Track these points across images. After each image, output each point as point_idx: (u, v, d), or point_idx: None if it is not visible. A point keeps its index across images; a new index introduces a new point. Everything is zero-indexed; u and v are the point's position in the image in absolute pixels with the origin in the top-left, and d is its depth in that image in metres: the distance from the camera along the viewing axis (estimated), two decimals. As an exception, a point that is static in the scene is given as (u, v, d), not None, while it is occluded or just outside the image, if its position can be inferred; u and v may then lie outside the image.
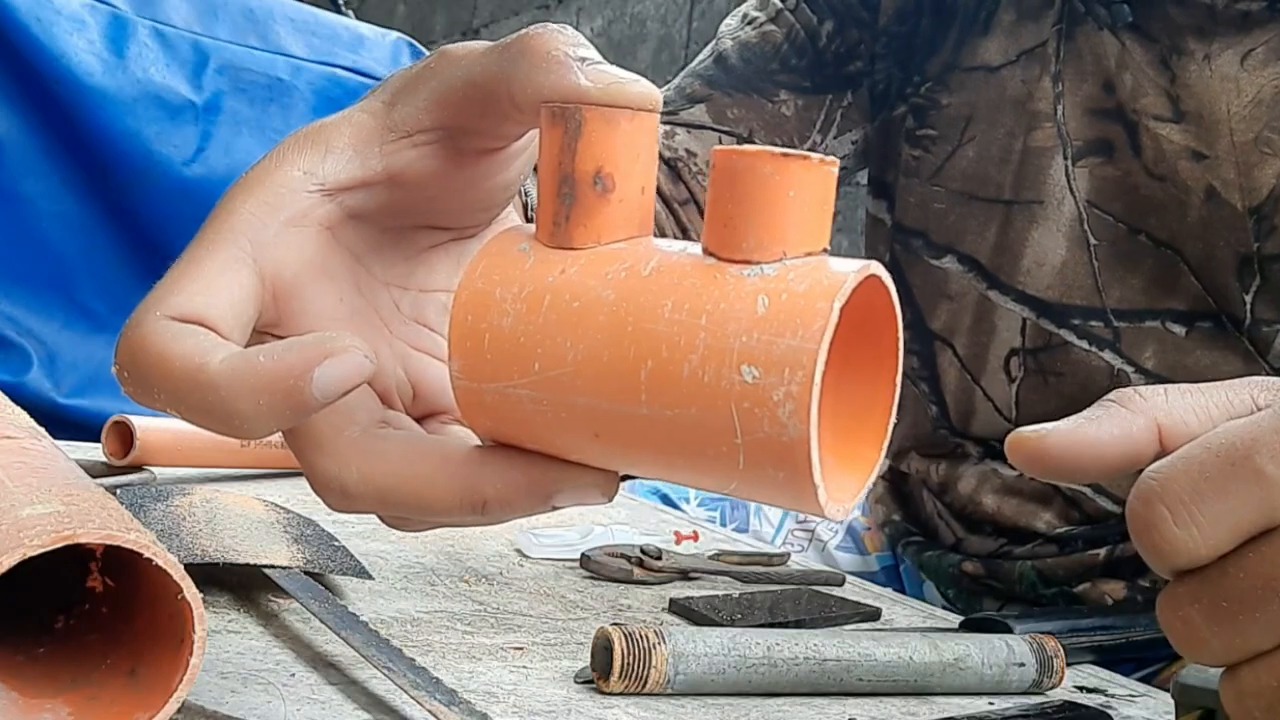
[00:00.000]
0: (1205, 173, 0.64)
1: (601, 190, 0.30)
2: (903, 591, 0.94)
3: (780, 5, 0.79)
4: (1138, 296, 0.68)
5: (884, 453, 0.31)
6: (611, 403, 0.29)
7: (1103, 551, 0.74)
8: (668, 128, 0.75)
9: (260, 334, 0.34)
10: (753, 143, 0.76)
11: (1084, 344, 0.69)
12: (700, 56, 0.81)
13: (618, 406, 0.29)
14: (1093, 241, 0.68)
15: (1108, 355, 0.69)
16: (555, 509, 0.32)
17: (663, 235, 0.71)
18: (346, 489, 0.33)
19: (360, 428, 0.33)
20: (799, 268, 0.28)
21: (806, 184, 0.28)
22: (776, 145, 0.75)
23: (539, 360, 0.30)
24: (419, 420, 0.36)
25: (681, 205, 0.76)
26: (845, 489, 0.30)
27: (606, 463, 0.31)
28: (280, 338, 0.33)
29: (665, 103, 0.77)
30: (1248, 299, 0.64)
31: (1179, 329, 0.66)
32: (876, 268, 0.29)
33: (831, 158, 0.29)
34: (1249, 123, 0.62)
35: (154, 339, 0.31)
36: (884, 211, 0.81)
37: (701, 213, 0.76)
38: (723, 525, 0.99)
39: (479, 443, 0.32)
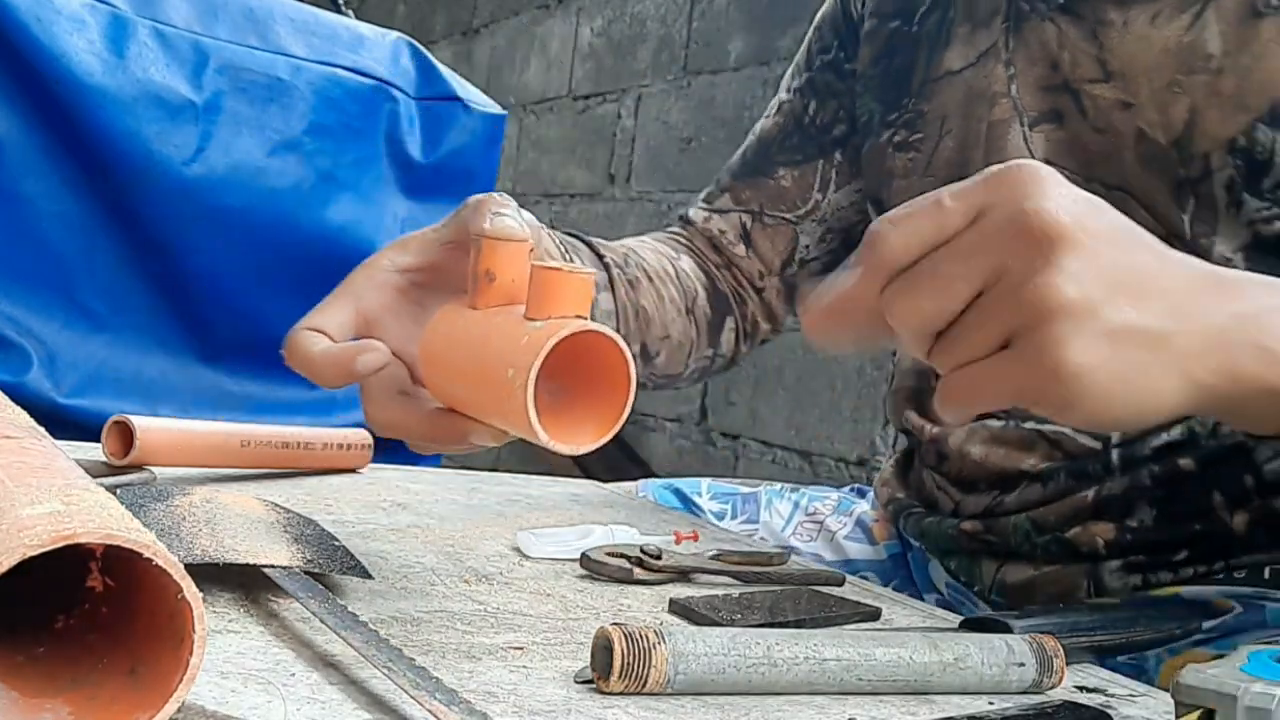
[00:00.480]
0: (1134, 119, 0.74)
1: (489, 280, 0.57)
2: (910, 578, 0.95)
3: (784, 98, 1.00)
4: None
5: (618, 426, 0.54)
6: (471, 386, 0.56)
7: (1090, 493, 0.78)
8: (707, 213, 1.00)
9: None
10: (762, 215, 0.98)
11: None
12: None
13: (474, 388, 0.56)
14: None
15: None
16: (472, 445, 0.58)
17: (712, 289, 0.96)
18: (373, 423, 0.60)
19: (389, 393, 0.60)
20: (553, 324, 0.52)
21: (565, 282, 0.53)
22: (766, 216, 0.98)
23: (449, 363, 0.58)
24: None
25: (719, 269, 0.99)
26: (577, 439, 0.53)
27: (480, 417, 0.57)
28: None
29: (707, 195, 1.01)
30: (1186, 219, 0.73)
31: None
32: (599, 328, 0.52)
33: (585, 270, 0.54)
34: (1161, 70, 0.73)
35: (294, 336, 0.62)
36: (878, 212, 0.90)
37: (734, 271, 0.99)
38: (734, 517, 1.00)
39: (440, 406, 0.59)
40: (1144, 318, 0.46)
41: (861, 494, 1.04)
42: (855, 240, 0.62)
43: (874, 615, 0.65)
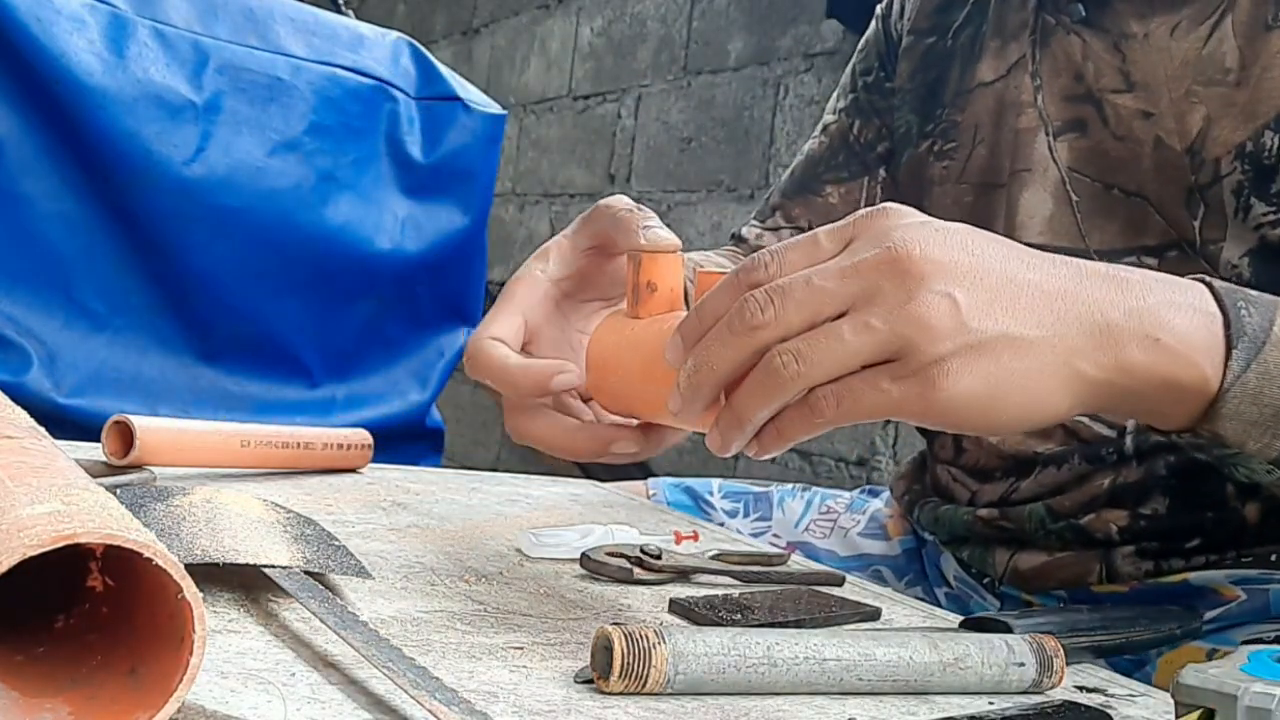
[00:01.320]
0: (1153, 127, 0.77)
1: (650, 291, 0.61)
2: (924, 572, 0.96)
3: (829, 119, 1.04)
4: (1115, 239, 0.79)
5: None
6: (647, 388, 0.58)
7: (1105, 481, 0.80)
8: (759, 230, 1.03)
9: (522, 350, 0.65)
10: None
11: None
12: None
13: (650, 390, 0.57)
14: (1074, 199, 0.81)
15: None
16: (613, 455, 0.62)
17: None
18: (518, 434, 0.64)
19: (538, 406, 0.64)
20: None
21: None
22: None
23: (621, 369, 0.61)
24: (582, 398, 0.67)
25: None
26: None
27: (652, 417, 0.61)
28: (530, 353, 0.65)
29: (759, 213, 1.05)
30: (1197, 224, 0.75)
31: (1152, 261, 0.77)
32: None
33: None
34: (1179, 80, 0.76)
35: (483, 345, 0.62)
36: None
37: None
38: (746, 516, 1.00)
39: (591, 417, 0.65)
40: (1019, 326, 0.49)
41: (874, 494, 1.05)
42: None
43: (874, 615, 0.65)
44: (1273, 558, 0.76)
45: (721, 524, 1.00)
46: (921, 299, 0.48)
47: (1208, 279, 0.55)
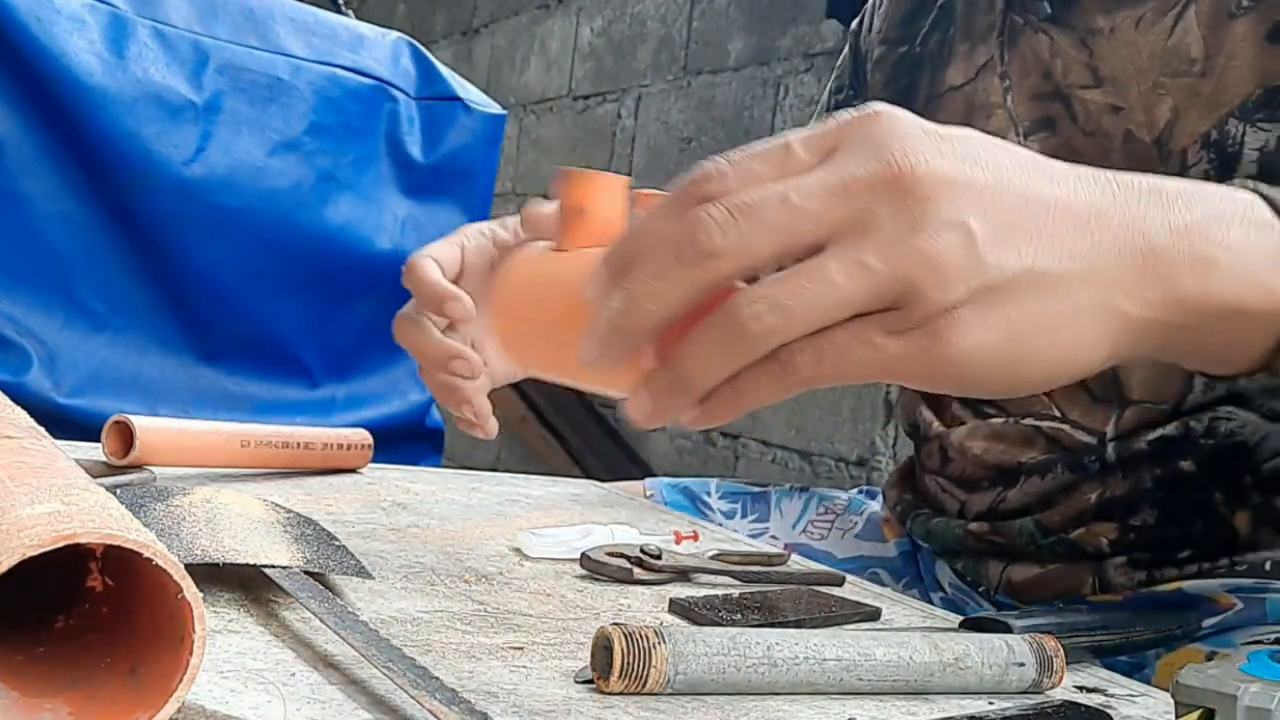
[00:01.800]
0: (1123, 121, 0.76)
1: (579, 217, 0.48)
2: (919, 575, 0.96)
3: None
4: None
5: None
6: (559, 338, 0.46)
7: (1093, 495, 0.79)
8: None
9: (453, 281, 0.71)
10: None
11: None
12: None
13: (562, 340, 0.45)
14: None
15: None
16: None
17: None
18: (394, 332, 0.74)
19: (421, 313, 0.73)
20: None
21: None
22: None
23: (531, 312, 0.50)
24: None
25: None
26: None
27: (564, 377, 0.48)
28: (456, 284, 0.72)
29: None
30: None
31: None
32: None
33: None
34: (1146, 73, 0.75)
35: (416, 259, 0.72)
36: None
37: None
38: (744, 517, 1.01)
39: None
40: (1046, 258, 0.40)
41: (871, 495, 1.05)
42: None
43: (874, 615, 0.65)
44: (1267, 565, 0.76)
45: (719, 525, 1.00)
46: (929, 230, 0.38)
47: (1253, 183, 0.47)
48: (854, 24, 1.02)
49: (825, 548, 0.98)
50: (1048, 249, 0.40)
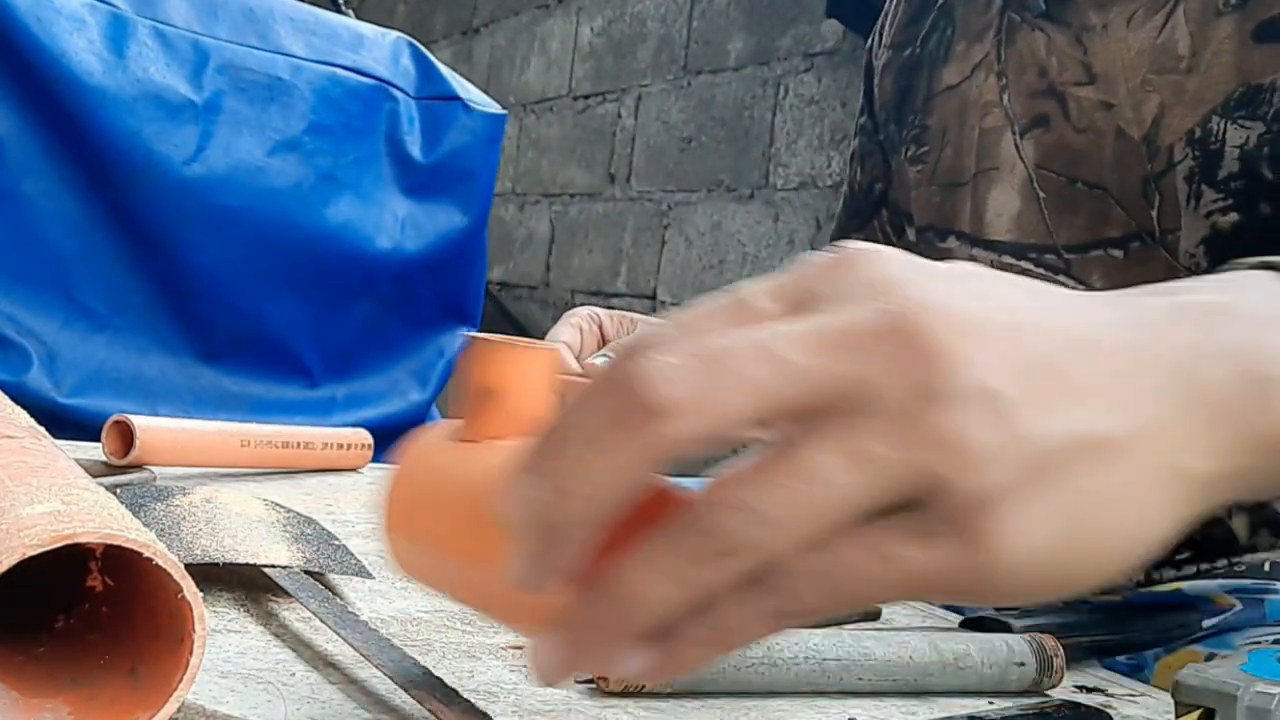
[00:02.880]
0: (1113, 118, 0.77)
1: (486, 401, 0.38)
2: None
3: (847, 175, 1.06)
4: (1081, 233, 0.80)
5: None
6: (447, 551, 0.38)
7: None
8: None
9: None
10: None
11: (1041, 271, 0.82)
12: None
13: (450, 554, 0.37)
14: (1041, 195, 0.82)
15: (1063, 279, 0.80)
16: None
17: None
18: None
19: None
20: None
21: None
22: None
23: (422, 517, 0.39)
24: None
25: None
26: None
27: (461, 597, 0.39)
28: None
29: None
30: (1154, 214, 0.75)
31: (1118, 253, 0.78)
32: None
33: None
34: (1135, 70, 0.76)
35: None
36: (910, 228, 0.96)
37: None
38: None
39: None
40: (1092, 419, 0.29)
41: None
42: None
43: (874, 615, 0.65)
44: (1266, 566, 0.76)
45: None
46: (945, 399, 0.28)
47: (1259, 260, 0.38)
48: (867, 44, 1.05)
49: None
50: (1093, 406, 0.30)
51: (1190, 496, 0.31)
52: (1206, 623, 0.75)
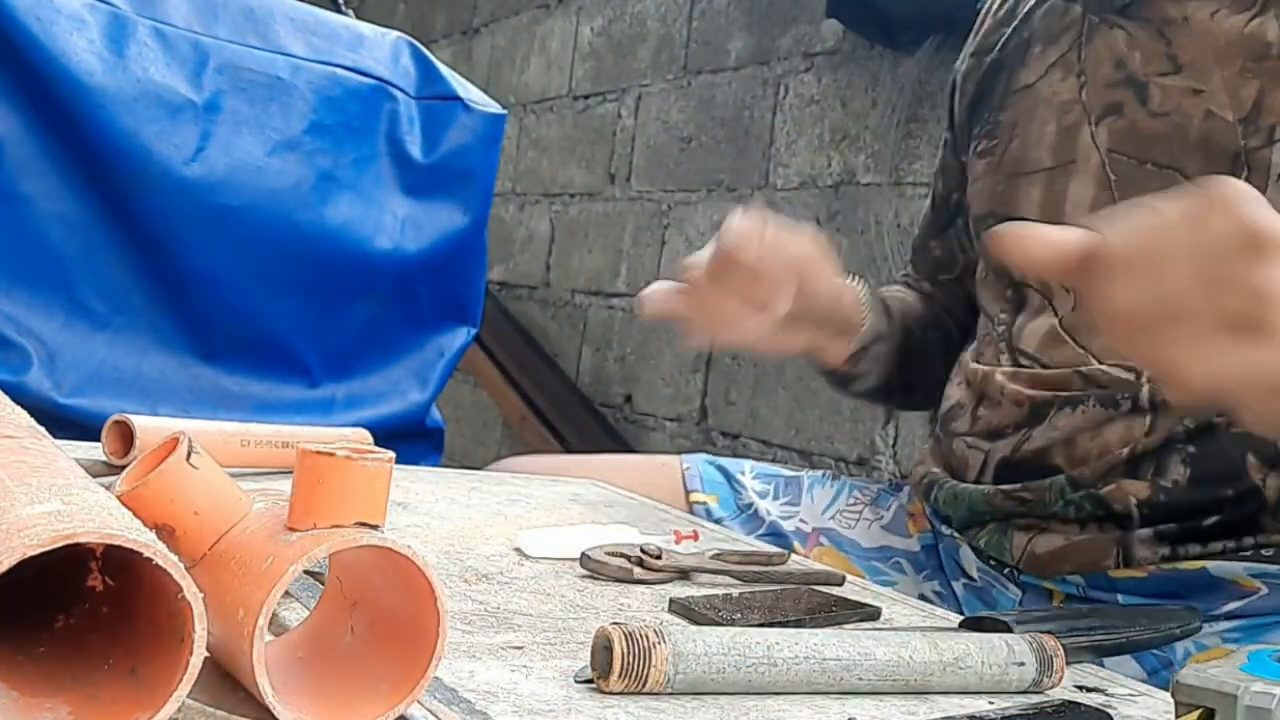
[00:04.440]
0: (1203, 102, 0.82)
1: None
2: (940, 567, 0.96)
3: (931, 188, 1.14)
4: None
5: (417, 691, 0.39)
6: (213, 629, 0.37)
7: (1125, 451, 0.81)
8: (908, 278, 1.17)
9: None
10: (936, 279, 1.14)
11: None
12: None
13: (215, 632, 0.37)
14: (1112, 178, 0.87)
15: None
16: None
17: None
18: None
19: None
20: (311, 537, 0.38)
21: (339, 474, 0.40)
22: (939, 278, 1.13)
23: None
24: None
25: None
26: (356, 713, 0.39)
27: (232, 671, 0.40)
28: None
29: (908, 261, 1.19)
30: None
31: None
32: (386, 542, 0.38)
33: (376, 453, 0.41)
34: (1230, 59, 0.81)
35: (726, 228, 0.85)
36: (968, 220, 1.01)
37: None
38: (776, 498, 1.03)
39: None
40: None
41: (899, 489, 1.06)
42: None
43: (874, 615, 0.65)
44: None
45: (750, 504, 1.01)
46: (1264, 269, 0.52)
47: None
48: (955, 64, 1.10)
49: (852, 536, 1.00)
50: None
51: None
52: (1229, 606, 0.76)
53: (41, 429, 0.51)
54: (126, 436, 0.76)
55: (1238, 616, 0.77)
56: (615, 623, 0.47)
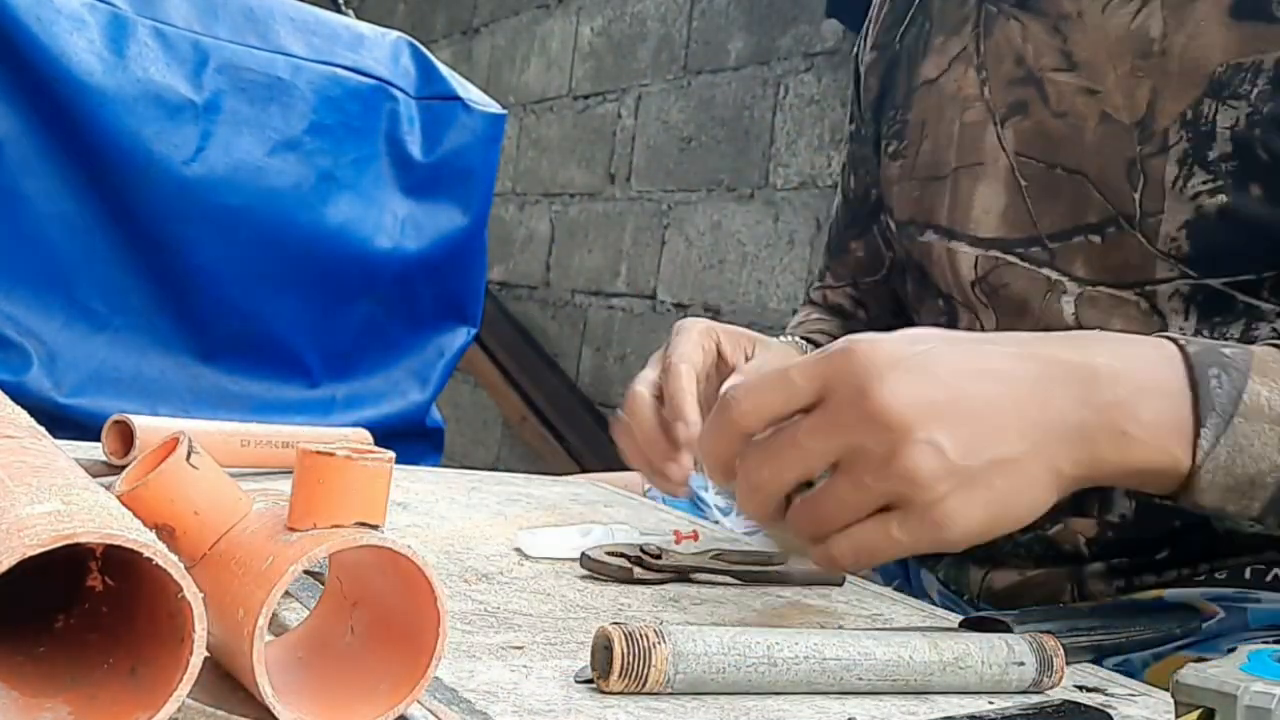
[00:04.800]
0: (1098, 103, 0.78)
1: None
2: (908, 580, 0.96)
3: (840, 178, 1.08)
4: (1062, 219, 0.80)
5: (418, 689, 0.39)
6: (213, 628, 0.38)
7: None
8: (823, 291, 1.09)
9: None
10: (858, 284, 1.07)
11: (1028, 266, 0.82)
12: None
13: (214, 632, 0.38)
14: (1023, 184, 0.82)
15: (1045, 271, 0.81)
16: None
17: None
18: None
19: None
20: (311, 537, 0.38)
21: (339, 474, 0.40)
22: (861, 284, 1.06)
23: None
24: None
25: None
26: (357, 713, 0.39)
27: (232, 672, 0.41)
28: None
29: (819, 273, 1.11)
30: (1137, 197, 0.76)
31: (1096, 238, 0.78)
32: (386, 541, 0.38)
33: (376, 453, 0.40)
34: (1121, 57, 0.76)
35: (675, 365, 0.76)
36: (891, 221, 0.96)
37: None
38: (740, 514, 1.01)
39: None
40: (1004, 448, 0.53)
41: None
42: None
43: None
44: (1247, 574, 0.75)
45: (716, 522, 1.00)
46: (906, 452, 0.51)
47: (1181, 341, 0.58)
48: (854, 51, 1.05)
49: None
50: (1004, 440, 0.53)
51: (1061, 486, 0.56)
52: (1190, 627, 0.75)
53: (41, 429, 0.51)
54: (126, 436, 0.76)
55: (1200, 637, 0.76)
56: (615, 623, 0.47)
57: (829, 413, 0.53)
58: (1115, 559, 0.78)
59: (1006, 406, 0.54)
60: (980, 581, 0.85)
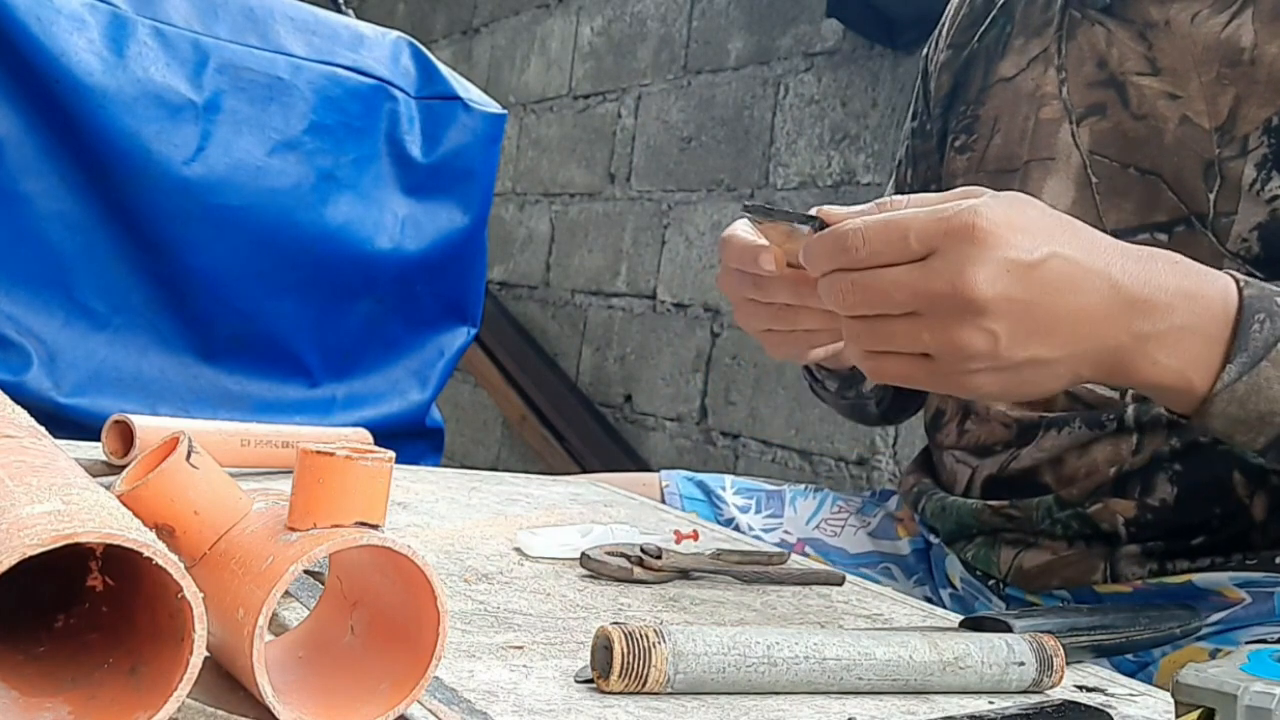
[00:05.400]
0: (1180, 107, 0.81)
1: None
2: (930, 572, 0.96)
3: (895, 166, 1.11)
4: (1130, 217, 0.82)
5: (418, 689, 0.39)
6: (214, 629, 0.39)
7: (1112, 470, 0.81)
8: None
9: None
10: None
11: None
12: None
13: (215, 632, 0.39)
14: (1094, 180, 0.85)
15: None
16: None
17: None
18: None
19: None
20: (311, 537, 0.38)
21: (340, 474, 0.40)
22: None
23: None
24: None
25: None
26: (356, 712, 0.39)
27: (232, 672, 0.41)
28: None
29: None
30: (1212, 197, 0.79)
31: (1163, 236, 0.81)
32: (387, 541, 0.38)
33: (377, 453, 0.40)
34: (1207, 65, 0.80)
35: (730, 232, 0.75)
36: None
37: None
38: (758, 512, 1.02)
39: None
40: (1045, 350, 0.59)
41: (885, 497, 1.06)
42: None
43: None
44: (1278, 560, 0.76)
45: (731, 519, 1.00)
46: (965, 330, 0.57)
47: (1241, 284, 0.62)
48: (923, 51, 1.07)
49: (839, 544, 0.99)
50: (1049, 344, 0.59)
51: (1077, 383, 0.64)
52: (1214, 617, 0.75)
53: (41, 429, 0.51)
54: (126, 436, 0.76)
55: (1220, 625, 0.76)
56: (615, 623, 0.47)
57: (926, 277, 0.57)
58: (1151, 541, 0.79)
59: (1065, 322, 0.58)
60: (1011, 561, 0.86)
